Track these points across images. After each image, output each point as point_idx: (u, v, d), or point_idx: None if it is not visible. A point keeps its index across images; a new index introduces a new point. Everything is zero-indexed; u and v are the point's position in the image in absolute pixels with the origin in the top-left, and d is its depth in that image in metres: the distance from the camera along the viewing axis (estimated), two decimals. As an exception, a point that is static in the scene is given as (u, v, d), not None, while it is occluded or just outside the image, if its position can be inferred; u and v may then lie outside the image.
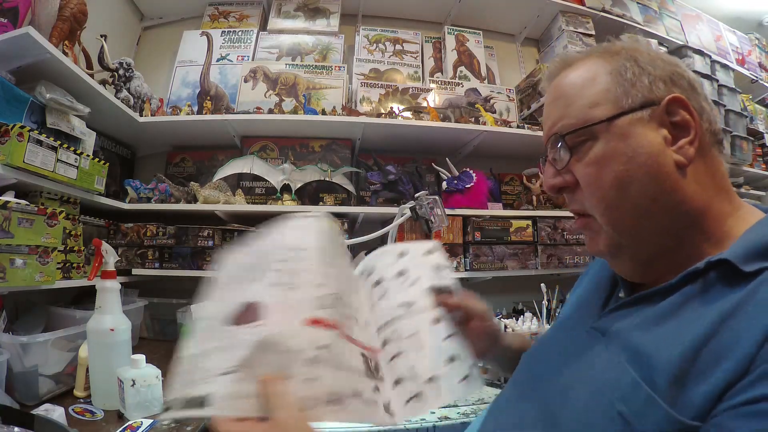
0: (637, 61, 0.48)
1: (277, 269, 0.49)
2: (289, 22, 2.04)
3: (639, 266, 0.50)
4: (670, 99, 0.46)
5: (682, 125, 0.46)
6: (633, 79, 0.47)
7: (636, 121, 0.46)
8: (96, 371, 0.91)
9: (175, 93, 1.86)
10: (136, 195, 1.55)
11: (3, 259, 0.91)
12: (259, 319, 0.44)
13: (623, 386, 0.40)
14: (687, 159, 0.45)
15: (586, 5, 2.15)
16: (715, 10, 2.66)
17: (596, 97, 0.48)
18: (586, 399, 0.44)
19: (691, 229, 0.46)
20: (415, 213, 1.32)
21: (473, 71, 2.10)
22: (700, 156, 0.46)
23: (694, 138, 0.46)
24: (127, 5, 1.93)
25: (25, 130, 0.98)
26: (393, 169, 1.64)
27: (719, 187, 0.47)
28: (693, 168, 0.46)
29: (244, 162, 1.67)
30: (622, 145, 0.46)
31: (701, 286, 0.42)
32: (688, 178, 0.46)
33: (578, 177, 0.49)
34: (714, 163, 0.48)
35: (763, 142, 2.52)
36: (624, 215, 0.47)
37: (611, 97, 0.47)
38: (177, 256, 1.53)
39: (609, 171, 0.46)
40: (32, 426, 0.65)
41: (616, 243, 0.49)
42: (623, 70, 0.48)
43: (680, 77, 0.48)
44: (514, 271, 1.66)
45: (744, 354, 0.35)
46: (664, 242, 0.47)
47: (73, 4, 1.20)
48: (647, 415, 0.37)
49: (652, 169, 0.45)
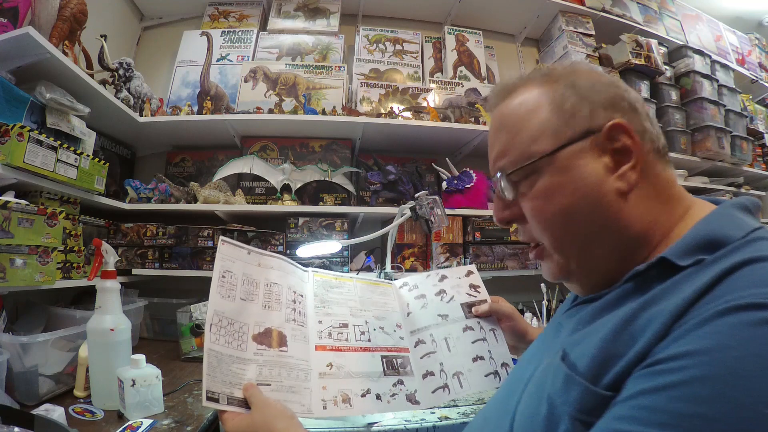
0: (576, 88, 0.48)
1: (291, 308, 0.70)
2: (289, 22, 2.04)
3: (591, 287, 0.51)
4: (611, 126, 0.46)
5: (623, 150, 0.46)
6: (572, 110, 0.47)
7: (577, 152, 0.47)
8: (96, 371, 0.91)
9: (175, 93, 1.86)
10: (136, 195, 1.55)
11: (3, 259, 0.91)
12: (284, 345, 0.65)
13: (551, 372, 0.43)
14: (629, 185, 0.46)
15: (586, 5, 2.15)
16: (715, 10, 2.66)
17: (537, 130, 0.48)
18: (531, 388, 0.47)
19: (641, 248, 0.47)
20: (415, 213, 1.32)
21: (473, 71, 2.10)
22: (644, 178, 0.46)
23: (636, 163, 0.46)
24: (127, 5, 1.93)
25: (25, 130, 0.98)
26: (393, 169, 1.64)
27: (665, 199, 0.48)
28: (636, 192, 0.46)
29: (244, 162, 1.67)
30: (565, 178, 0.47)
31: (639, 283, 0.43)
32: (631, 202, 0.46)
33: (524, 210, 0.50)
34: (659, 179, 0.48)
35: (763, 142, 2.52)
36: (571, 244, 0.48)
37: (551, 129, 0.48)
38: (177, 256, 1.53)
39: (553, 204, 0.47)
40: (32, 426, 0.65)
41: (566, 269, 0.50)
42: (562, 100, 0.48)
43: (621, 100, 0.48)
44: (514, 271, 1.66)
45: (655, 331, 0.36)
46: (613, 264, 0.48)
47: (73, 4, 1.20)
48: (568, 393, 0.40)
49: (594, 199, 0.46)
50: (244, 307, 0.64)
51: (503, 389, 0.58)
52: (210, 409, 0.90)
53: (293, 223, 1.57)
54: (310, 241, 1.44)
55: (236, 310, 0.63)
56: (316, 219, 1.58)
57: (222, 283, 0.63)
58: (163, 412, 0.87)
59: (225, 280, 0.64)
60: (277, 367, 0.62)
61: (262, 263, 0.70)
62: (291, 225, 1.57)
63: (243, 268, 0.67)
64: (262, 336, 0.63)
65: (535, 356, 0.55)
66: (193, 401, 0.95)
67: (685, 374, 0.32)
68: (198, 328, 1.28)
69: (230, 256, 0.66)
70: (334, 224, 1.58)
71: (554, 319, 0.60)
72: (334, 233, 1.57)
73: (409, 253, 1.64)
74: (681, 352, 0.33)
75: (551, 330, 0.57)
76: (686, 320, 0.35)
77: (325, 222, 1.58)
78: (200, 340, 1.28)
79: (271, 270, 0.71)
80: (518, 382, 0.52)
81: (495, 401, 0.58)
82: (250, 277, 0.67)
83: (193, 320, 1.28)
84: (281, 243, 1.56)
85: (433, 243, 1.63)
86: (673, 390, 0.32)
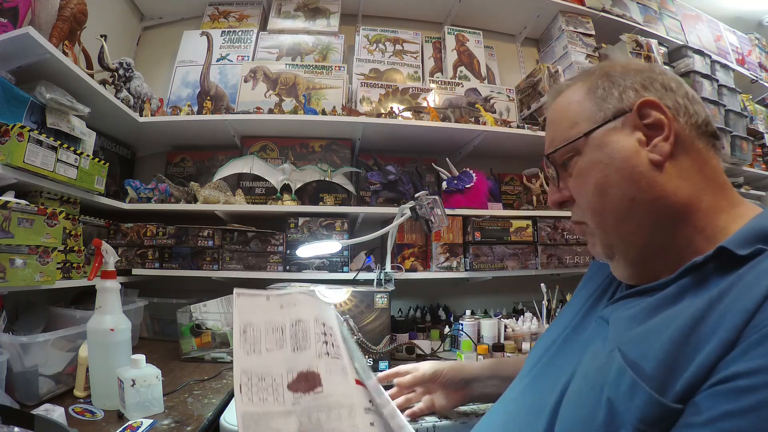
0: (609, 77, 0.52)
1: (323, 341, 0.61)
2: (289, 22, 2.04)
3: (634, 267, 0.51)
4: (641, 103, 0.49)
5: (656, 125, 0.48)
6: (604, 94, 0.52)
7: (610, 131, 0.50)
8: (96, 371, 0.91)
9: (175, 93, 1.86)
10: (136, 195, 1.55)
11: (3, 259, 0.91)
12: (319, 385, 0.56)
13: (612, 373, 0.41)
14: (662, 156, 0.47)
15: (586, 5, 2.15)
16: (715, 10, 2.66)
17: (575, 117, 0.53)
18: (581, 386, 0.45)
19: (681, 224, 0.47)
20: (415, 213, 1.32)
21: (473, 71, 2.10)
22: (682, 150, 0.48)
23: (668, 134, 0.48)
24: (127, 5, 1.93)
25: (25, 130, 0.97)
26: (393, 169, 1.64)
27: (710, 180, 0.48)
28: (673, 163, 0.47)
29: (244, 162, 1.67)
30: (600, 154, 0.50)
31: (699, 277, 0.43)
32: (667, 173, 0.47)
33: (570, 190, 0.55)
34: (701, 156, 0.49)
35: (763, 142, 2.52)
36: (608, 217, 0.50)
37: (586, 114, 0.52)
38: (177, 256, 1.53)
39: (591, 180, 0.51)
40: (32, 426, 0.65)
41: (608, 244, 0.52)
42: (595, 88, 0.53)
43: (652, 81, 0.51)
44: (514, 271, 1.66)
45: (725, 336, 0.35)
46: (653, 239, 0.48)
47: (73, 4, 1.20)
48: (632, 400, 0.38)
49: (626, 171, 0.48)
50: (272, 358, 0.58)
51: (526, 384, 0.57)
52: (210, 409, 0.90)
53: (293, 223, 1.58)
54: (310, 241, 1.44)
55: (265, 364, 0.57)
56: (316, 219, 1.58)
57: (245, 339, 0.58)
58: (163, 412, 0.87)
59: (247, 334, 0.58)
60: (315, 411, 0.54)
61: (284, 304, 0.64)
62: (291, 225, 1.57)
63: (264, 316, 0.61)
64: (296, 383, 0.56)
65: (569, 350, 0.53)
66: (193, 401, 0.95)
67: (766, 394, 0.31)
68: (198, 328, 1.28)
69: (249, 307, 0.61)
70: (334, 224, 1.58)
71: (585, 309, 0.58)
72: (334, 233, 1.57)
73: (409, 253, 1.64)
74: (759, 367, 0.32)
75: (590, 323, 0.55)
76: (758, 323, 0.34)
77: (325, 222, 1.58)
78: (200, 340, 1.28)
79: (295, 307, 0.64)
80: (552, 376, 0.51)
81: (519, 395, 0.56)
82: (275, 324, 0.61)
83: (193, 320, 1.28)
84: (281, 243, 1.56)
85: (433, 243, 1.63)
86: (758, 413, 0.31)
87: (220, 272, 1.52)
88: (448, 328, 1.53)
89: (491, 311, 1.73)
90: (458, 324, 1.46)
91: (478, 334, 1.44)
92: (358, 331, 1.15)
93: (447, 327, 1.54)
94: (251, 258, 1.55)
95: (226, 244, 1.55)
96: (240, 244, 1.55)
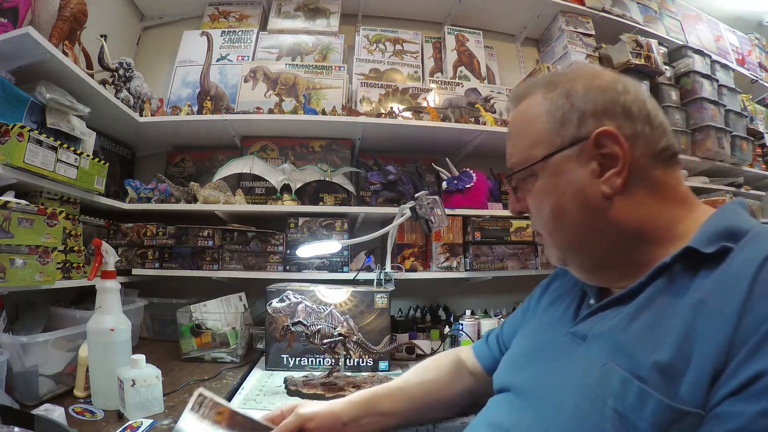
0: (570, 97, 0.51)
1: None
2: (289, 22, 2.04)
3: (588, 273, 0.54)
4: (598, 134, 0.49)
5: (611, 156, 0.49)
6: (562, 119, 0.51)
7: (566, 158, 0.51)
8: (96, 371, 0.91)
9: (175, 93, 1.86)
10: (136, 195, 1.55)
11: (3, 259, 0.91)
12: None
13: (613, 384, 0.42)
14: (613, 190, 0.48)
15: (586, 5, 2.15)
16: (715, 10, 2.66)
17: (534, 137, 0.54)
18: (577, 402, 0.45)
19: (637, 243, 0.49)
20: (415, 213, 1.32)
21: (473, 71, 2.10)
22: (636, 181, 0.49)
23: (622, 169, 0.48)
24: (127, 5, 1.93)
25: (25, 130, 0.97)
26: (393, 169, 1.64)
27: (667, 200, 0.49)
28: (626, 196, 0.48)
29: (244, 162, 1.67)
30: (555, 181, 0.51)
31: (668, 278, 0.44)
32: (618, 205, 0.49)
33: (528, 205, 0.57)
34: (657, 182, 0.49)
35: (763, 142, 2.51)
36: (563, 239, 0.54)
37: (545, 137, 0.52)
38: (177, 256, 1.53)
39: (546, 204, 0.53)
40: (32, 426, 0.65)
41: (561, 258, 0.56)
42: (555, 110, 0.52)
43: (614, 105, 0.50)
44: (514, 271, 1.66)
45: (721, 338, 0.36)
46: (609, 256, 0.51)
47: (73, 4, 1.20)
48: (643, 408, 0.39)
49: (580, 201, 0.50)
50: None
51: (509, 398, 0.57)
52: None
53: (293, 223, 1.58)
54: (310, 241, 1.44)
55: None
56: (316, 219, 1.58)
57: None
58: (163, 412, 0.87)
59: None
60: None
61: None
62: (291, 225, 1.57)
63: None
64: None
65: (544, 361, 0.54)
66: (193, 401, 0.95)
67: None
68: (198, 328, 1.28)
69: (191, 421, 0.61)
70: (334, 224, 1.58)
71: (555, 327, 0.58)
72: (334, 233, 1.57)
73: (409, 253, 1.64)
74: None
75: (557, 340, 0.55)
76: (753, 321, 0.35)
77: (325, 222, 1.58)
78: (200, 340, 1.28)
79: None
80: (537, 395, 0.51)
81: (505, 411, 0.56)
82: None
83: (193, 320, 1.28)
84: (281, 243, 1.56)
85: (433, 243, 1.63)
86: None
87: (220, 272, 1.52)
88: (448, 328, 1.53)
89: (491, 311, 1.73)
90: (458, 324, 1.46)
91: (478, 334, 1.44)
92: (358, 331, 1.15)
93: (447, 327, 1.54)
94: (251, 258, 1.55)
95: (226, 244, 1.55)
96: (240, 244, 1.55)
